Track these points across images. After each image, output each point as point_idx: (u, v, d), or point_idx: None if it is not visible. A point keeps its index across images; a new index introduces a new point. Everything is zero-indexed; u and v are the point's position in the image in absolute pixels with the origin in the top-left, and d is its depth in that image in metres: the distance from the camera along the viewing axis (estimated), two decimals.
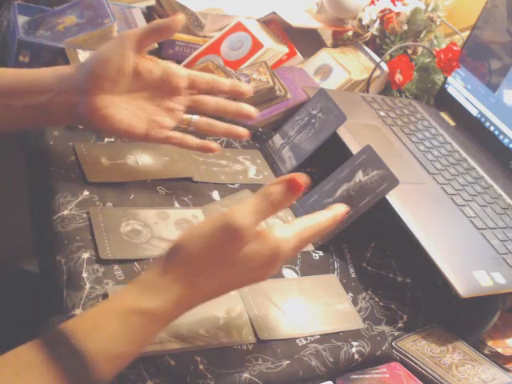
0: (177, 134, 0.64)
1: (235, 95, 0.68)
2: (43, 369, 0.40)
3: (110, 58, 0.58)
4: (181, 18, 0.59)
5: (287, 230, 0.49)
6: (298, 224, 0.50)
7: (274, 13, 0.98)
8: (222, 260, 0.47)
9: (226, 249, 0.46)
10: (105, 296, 0.52)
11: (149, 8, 0.99)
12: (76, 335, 0.42)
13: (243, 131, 0.68)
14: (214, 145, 0.67)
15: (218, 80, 0.66)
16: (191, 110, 0.66)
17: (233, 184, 0.72)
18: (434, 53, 0.98)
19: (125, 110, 0.60)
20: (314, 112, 0.77)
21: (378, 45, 1.04)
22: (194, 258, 0.46)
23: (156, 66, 0.61)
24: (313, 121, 0.77)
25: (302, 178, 0.48)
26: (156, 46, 0.89)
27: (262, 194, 0.48)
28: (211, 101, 0.66)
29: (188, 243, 0.46)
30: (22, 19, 0.83)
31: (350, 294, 0.64)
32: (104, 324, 0.43)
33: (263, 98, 0.82)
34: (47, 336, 0.42)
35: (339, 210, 0.54)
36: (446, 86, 1.00)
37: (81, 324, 0.44)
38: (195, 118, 0.66)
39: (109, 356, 0.43)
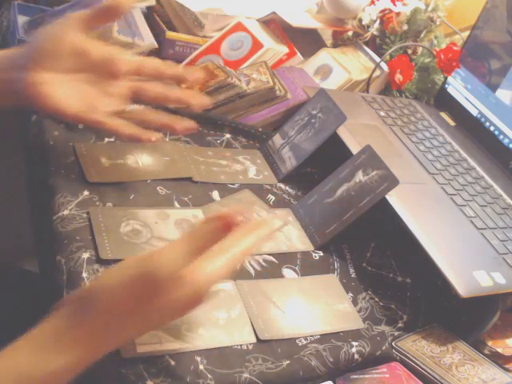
0: (110, 120, 0.61)
1: (178, 81, 0.66)
2: None
3: (51, 35, 0.58)
4: (128, 5, 0.59)
5: (211, 267, 0.45)
6: (224, 256, 0.46)
7: (274, 13, 0.98)
8: (139, 310, 0.44)
9: (143, 299, 0.43)
10: None
11: (149, 8, 0.99)
12: None
13: (180, 126, 0.64)
14: (148, 135, 0.62)
15: (163, 66, 0.63)
16: (134, 97, 0.63)
17: (233, 184, 0.72)
18: (434, 53, 0.98)
19: (62, 88, 0.58)
20: (314, 112, 0.77)
21: (378, 45, 1.04)
22: (104, 310, 0.43)
23: (98, 49, 0.60)
24: (313, 121, 0.77)
25: (234, 215, 0.46)
26: (156, 46, 0.89)
27: (191, 235, 0.45)
28: (152, 87, 0.63)
29: (100, 293, 0.43)
30: (21, 19, 0.83)
31: (350, 294, 0.64)
32: None
33: (263, 97, 0.82)
34: None
35: (270, 225, 0.51)
36: (446, 85, 0.99)
37: None
38: (135, 107, 0.64)
39: None
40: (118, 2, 0.58)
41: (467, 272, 0.63)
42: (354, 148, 0.74)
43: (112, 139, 0.71)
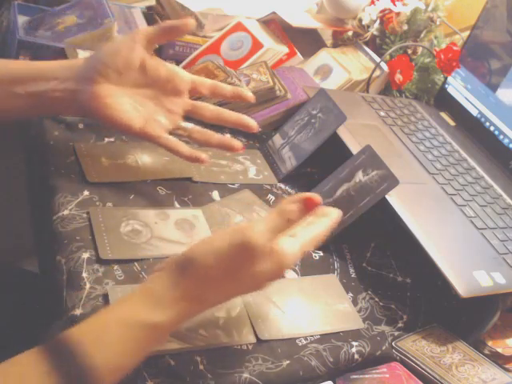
0: (171, 138, 0.64)
1: (237, 99, 0.69)
2: (46, 380, 0.40)
3: (119, 49, 0.60)
4: (191, 23, 0.61)
5: (294, 244, 0.49)
6: (302, 237, 0.50)
7: (274, 13, 0.98)
8: (233, 276, 0.47)
9: (240, 266, 0.47)
10: (105, 296, 0.52)
11: (149, 8, 0.99)
12: (81, 347, 0.41)
13: (237, 144, 0.67)
14: (204, 156, 0.65)
15: (220, 85, 0.67)
16: (190, 114, 0.67)
17: (233, 184, 0.72)
18: (434, 53, 0.98)
19: (126, 103, 0.61)
20: (314, 112, 0.77)
21: (378, 45, 1.04)
22: (206, 274, 0.46)
23: (162, 66, 0.63)
24: (313, 121, 0.77)
25: (317, 198, 0.49)
26: (156, 45, 0.89)
27: (278, 212, 0.49)
28: (211, 108, 0.67)
29: (202, 258, 0.46)
30: (22, 19, 0.83)
31: (350, 294, 0.64)
32: (110, 336, 0.43)
33: (263, 98, 0.82)
34: (51, 344, 0.42)
35: (336, 215, 0.54)
36: (446, 85, 1.00)
37: (86, 335, 0.43)
38: (190, 125, 0.66)
39: (112, 369, 0.43)
40: (182, 21, 0.61)
41: (467, 272, 0.63)
42: (354, 148, 0.74)
43: (112, 139, 0.71)
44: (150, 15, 0.97)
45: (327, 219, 0.53)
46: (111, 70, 0.59)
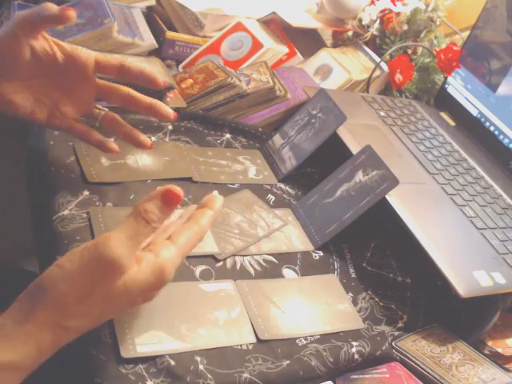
0: (80, 126, 0.60)
1: (145, 83, 0.60)
2: None
3: (1, 45, 0.55)
4: (72, 16, 0.53)
5: (170, 249, 0.46)
6: (180, 239, 0.47)
7: (274, 13, 0.98)
8: (96, 296, 0.43)
9: (99, 284, 0.42)
10: None
11: (149, 8, 0.99)
12: None
13: (145, 141, 0.62)
14: (113, 145, 0.62)
15: (127, 66, 0.59)
16: (101, 98, 0.61)
17: (233, 184, 0.72)
18: (434, 53, 0.98)
19: (28, 97, 0.57)
20: (314, 112, 0.77)
21: (378, 45, 1.04)
22: (61, 300, 0.41)
23: (59, 49, 0.57)
24: (313, 121, 0.77)
25: (177, 189, 0.46)
26: (156, 46, 0.89)
27: (135, 215, 0.44)
28: (121, 90, 0.60)
29: (52, 285, 0.42)
30: None
31: (350, 294, 0.64)
32: None
33: (263, 98, 0.82)
34: None
35: (219, 203, 0.51)
36: (446, 86, 1.00)
37: None
38: (103, 112, 0.62)
39: None
40: (61, 12, 0.53)
41: (467, 272, 0.63)
42: (354, 148, 0.74)
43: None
44: (150, 15, 0.97)
45: (208, 213, 0.50)
46: (2, 68, 0.55)
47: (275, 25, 0.99)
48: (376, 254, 0.71)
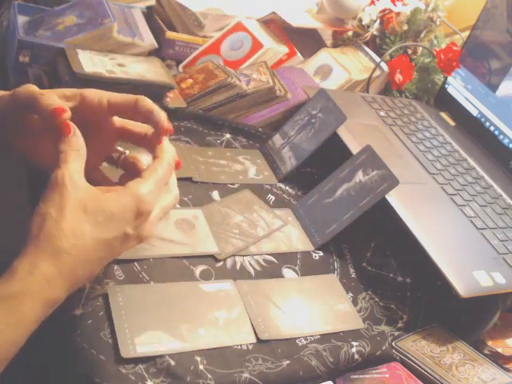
0: (95, 176, 0.57)
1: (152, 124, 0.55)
2: None
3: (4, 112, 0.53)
4: (65, 116, 0.49)
5: (142, 180, 0.49)
6: (148, 173, 0.50)
7: (273, 13, 0.98)
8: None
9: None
10: (105, 296, 0.52)
11: (149, 8, 0.99)
12: None
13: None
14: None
15: (142, 104, 0.54)
16: (122, 137, 0.58)
17: (233, 184, 0.72)
18: (434, 53, 0.98)
19: (45, 147, 0.54)
20: (314, 112, 0.77)
21: (378, 45, 1.04)
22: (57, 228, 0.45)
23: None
24: (313, 121, 0.77)
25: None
26: (156, 46, 0.89)
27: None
28: (139, 133, 0.57)
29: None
30: (21, 19, 0.83)
31: (350, 294, 0.64)
32: None
33: (263, 98, 0.83)
34: None
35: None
36: (446, 85, 1.00)
37: None
38: (123, 156, 0.58)
39: None
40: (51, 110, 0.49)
41: (467, 272, 0.63)
42: (354, 148, 0.74)
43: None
44: (150, 15, 0.97)
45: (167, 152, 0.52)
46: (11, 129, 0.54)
47: (275, 25, 0.99)
48: (376, 253, 0.71)
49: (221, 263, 0.61)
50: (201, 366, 0.50)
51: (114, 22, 0.82)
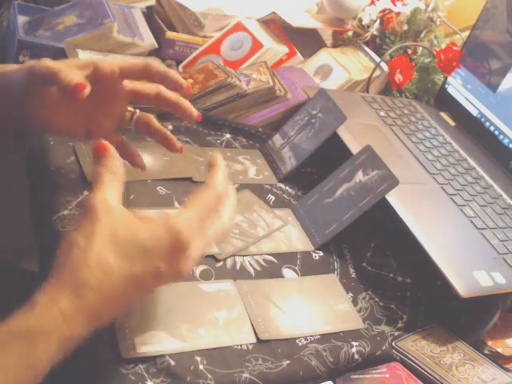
0: (116, 138, 0.60)
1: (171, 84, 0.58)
2: None
3: (22, 87, 0.54)
4: (86, 91, 0.50)
5: (183, 211, 0.46)
6: (193, 204, 0.47)
7: (273, 13, 0.98)
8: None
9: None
10: None
11: (149, 8, 0.99)
12: None
13: (176, 143, 0.62)
14: (142, 162, 0.62)
15: (153, 67, 0.56)
16: (133, 102, 0.61)
17: (233, 184, 0.72)
18: (434, 53, 0.98)
19: (63, 117, 0.57)
20: (314, 112, 0.77)
21: (378, 45, 1.04)
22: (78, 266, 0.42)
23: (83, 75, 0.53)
24: (313, 121, 0.77)
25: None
26: (156, 46, 0.89)
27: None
28: (150, 93, 0.59)
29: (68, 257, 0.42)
30: (22, 19, 0.83)
31: (350, 294, 0.64)
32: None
33: (263, 98, 0.82)
34: None
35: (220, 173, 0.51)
36: (446, 85, 0.99)
37: None
38: (136, 115, 0.61)
39: None
40: (73, 84, 0.50)
41: (467, 272, 0.63)
42: (354, 148, 0.74)
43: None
44: (150, 15, 0.97)
45: (217, 181, 0.51)
46: (27, 103, 0.54)
47: (275, 25, 0.99)
48: (376, 253, 0.71)
49: (221, 263, 0.61)
50: (201, 366, 0.50)
51: (114, 22, 0.82)
